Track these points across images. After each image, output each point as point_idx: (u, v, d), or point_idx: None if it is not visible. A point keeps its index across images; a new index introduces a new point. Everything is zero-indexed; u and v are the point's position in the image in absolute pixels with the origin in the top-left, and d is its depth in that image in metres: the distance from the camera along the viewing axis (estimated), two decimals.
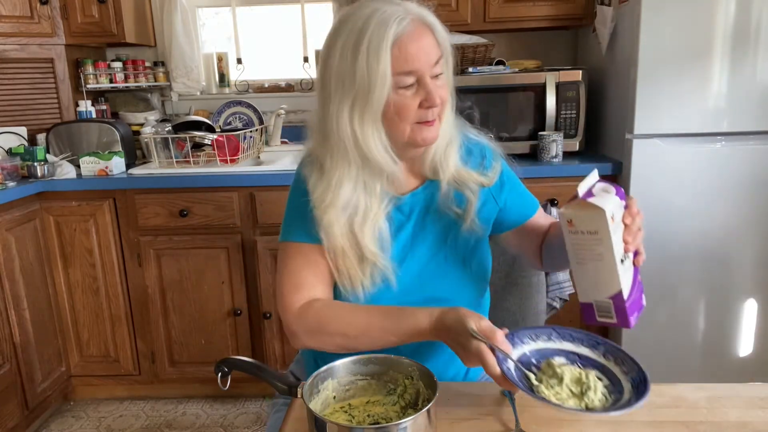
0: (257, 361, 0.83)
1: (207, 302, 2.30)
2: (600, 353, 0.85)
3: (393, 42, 0.88)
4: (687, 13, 1.87)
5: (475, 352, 0.78)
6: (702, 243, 2.03)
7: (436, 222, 1.05)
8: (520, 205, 1.12)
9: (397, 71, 0.90)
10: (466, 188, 1.04)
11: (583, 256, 0.83)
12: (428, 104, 0.92)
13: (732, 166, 1.98)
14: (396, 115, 0.93)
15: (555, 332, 0.89)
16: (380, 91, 0.90)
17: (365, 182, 0.97)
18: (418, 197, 1.04)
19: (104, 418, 2.35)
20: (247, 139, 2.41)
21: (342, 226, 0.96)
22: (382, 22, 0.89)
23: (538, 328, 0.90)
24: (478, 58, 2.35)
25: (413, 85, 0.92)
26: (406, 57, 0.89)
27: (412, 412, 0.76)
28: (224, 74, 2.84)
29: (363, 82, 0.90)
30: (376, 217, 0.98)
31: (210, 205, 2.19)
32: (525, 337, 0.87)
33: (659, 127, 1.97)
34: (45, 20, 2.39)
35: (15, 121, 2.43)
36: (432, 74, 0.92)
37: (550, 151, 2.15)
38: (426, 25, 0.92)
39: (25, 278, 2.13)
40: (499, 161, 1.09)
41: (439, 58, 0.93)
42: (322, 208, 0.96)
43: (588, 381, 0.78)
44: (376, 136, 0.94)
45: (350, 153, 0.94)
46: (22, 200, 2.12)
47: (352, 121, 0.93)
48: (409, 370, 0.81)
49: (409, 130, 0.94)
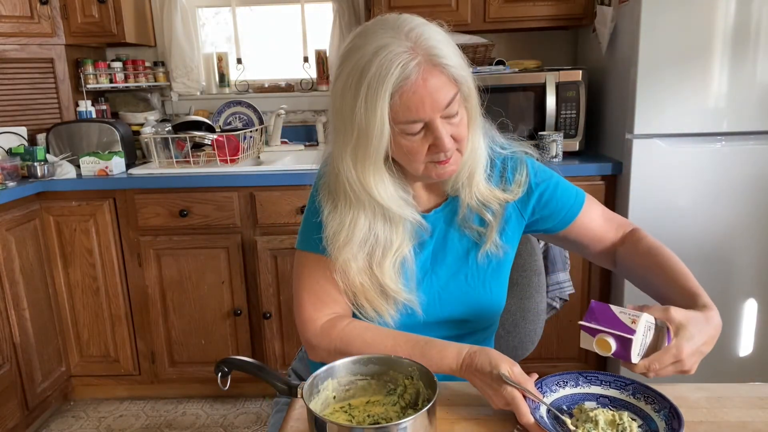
0: (257, 361, 0.83)
1: (207, 302, 2.30)
2: (629, 393, 0.85)
3: (394, 91, 0.82)
4: (687, 13, 1.87)
5: (510, 399, 0.77)
6: (702, 243, 2.03)
7: (457, 240, 1.01)
8: (556, 210, 1.03)
9: (400, 120, 0.85)
10: (488, 209, 0.99)
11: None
12: (438, 150, 0.88)
13: (732, 166, 1.97)
14: (405, 156, 0.89)
15: (582, 377, 0.88)
16: (378, 141, 0.85)
17: (385, 216, 0.93)
18: (439, 214, 1.01)
19: (104, 418, 2.35)
20: (247, 139, 2.41)
21: (360, 262, 0.93)
22: (383, 66, 0.81)
23: (564, 374, 0.89)
24: (478, 58, 2.35)
25: (421, 131, 0.87)
26: (408, 106, 0.83)
27: (412, 412, 0.76)
28: (224, 74, 2.84)
29: (361, 128, 0.85)
30: (399, 251, 0.94)
31: (210, 205, 2.19)
32: (552, 384, 0.87)
33: (659, 127, 1.97)
34: (45, 20, 2.39)
35: (15, 121, 2.43)
36: (444, 115, 0.86)
37: (550, 151, 2.15)
38: (436, 66, 0.83)
39: (25, 278, 2.13)
40: (524, 171, 1.02)
41: (452, 98, 0.85)
42: (337, 248, 0.92)
43: (623, 422, 0.78)
44: (379, 181, 0.90)
45: (360, 195, 0.91)
46: (22, 200, 2.12)
47: (356, 165, 0.89)
48: (409, 370, 0.80)
49: (422, 168, 0.91)
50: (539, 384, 0.84)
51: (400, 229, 0.94)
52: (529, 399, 0.78)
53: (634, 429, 0.77)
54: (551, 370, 2.49)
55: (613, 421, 0.78)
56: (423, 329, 0.98)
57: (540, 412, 0.78)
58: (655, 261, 0.97)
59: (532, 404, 0.78)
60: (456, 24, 2.34)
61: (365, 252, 0.93)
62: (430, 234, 1.00)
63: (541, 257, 1.30)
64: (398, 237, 0.94)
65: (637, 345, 0.77)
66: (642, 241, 1.01)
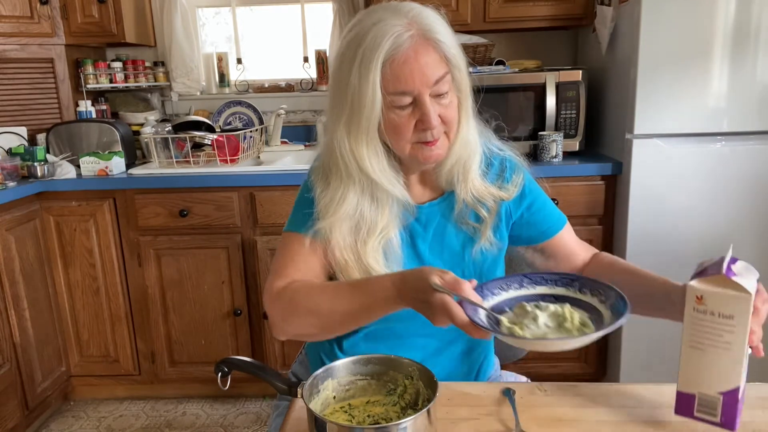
0: (257, 361, 0.83)
1: (207, 302, 2.30)
2: (576, 289, 0.82)
3: (385, 60, 0.85)
4: (687, 13, 1.87)
5: (440, 306, 0.74)
6: (702, 243, 2.03)
7: (453, 236, 1.02)
8: (539, 221, 1.06)
9: (390, 91, 0.86)
10: (483, 205, 1.00)
11: (703, 340, 0.73)
12: (424, 126, 0.89)
13: (732, 166, 1.98)
14: (393, 133, 0.90)
15: (527, 278, 0.85)
16: (369, 111, 0.87)
17: (373, 195, 0.95)
18: (436, 208, 1.02)
19: (104, 418, 2.35)
20: (247, 139, 2.41)
21: (346, 238, 0.94)
22: (378, 36, 0.85)
23: (508, 278, 0.86)
24: (478, 58, 2.35)
25: (410, 106, 0.88)
26: (398, 76, 0.85)
27: (412, 412, 0.76)
28: (224, 74, 2.84)
29: (354, 98, 0.87)
30: (384, 232, 0.95)
31: (210, 205, 2.19)
32: (495, 288, 0.84)
33: (659, 127, 1.97)
34: (45, 20, 2.39)
35: (15, 121, 2.43)
36: (433, 93, 0.88)
37: (550, 151, 2.15)
38: (429, 40, 0.86)
39: (25, 278, 2.13)
40: (521, 174, 1.04)
41: (443, 76, 0.88)
42: (326, 222, 0.94)
43: (563, 312, 0.76)
44: (372, 154, 0.91)
45: (351, 169, 0.92)
46: (22, 200, 2.12)
47: (349, 137, 0.91)
48: (409, 370, 0.81)
49: (409, 148, 0.92)
50: (479, 288, 0.82)
51: (386, 210, 0.95)
52: (466, 303, 0.74)
53: (576, 319, 0.76)
54: (551, 370, 2.50)
55: (554, 313, 0.77)
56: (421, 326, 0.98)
57: (479, 316, 0.75)
58: (621, 267, 1.02)
59: (471, 310, 0.74)
60: (456, 24, 2.31)
61: (351, 229, 0.95)
62: (424, 227, 1.01)
63: None
64: (383, 218, 0.95)
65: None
66: (607, 257, 1.07)
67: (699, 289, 0.71)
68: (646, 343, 2.07)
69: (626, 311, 0.72)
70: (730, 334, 0.70)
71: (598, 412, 0.83)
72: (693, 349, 0.74)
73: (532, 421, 0.81)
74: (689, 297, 0.72)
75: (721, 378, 0.73)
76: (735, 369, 0.72)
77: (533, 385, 0.91)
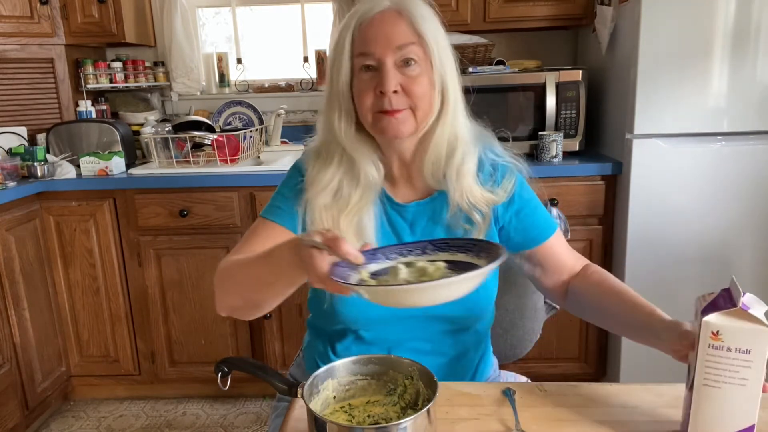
0: (257, 361, 0.83)
1: (207, 302, 2.30)
2: (474, 254, 0.76)
3: (357, 23, 0.91)
4: (687, 13, 1.87)
5: (307, 259, 0.70)
6: (702, 243, 2.03)
7: (446, 236, 1.00)
8: (528, 228, 1.03)
9: (356, 53, 0.91)
10: (476, 209, 0.98)
11: (718, 378, 0.69)
12: (380, 89, 0.89)
13: (732, 166, 1.98)
14: (357, 98, 0.93)
15: (431, 245, 0.80)
16: (338, 72, 0.92)
17: (349, 170, 0.97)
18: (425, 207, 1.01)
19: (104, 418, 2.35)
20: (247, 139, 2.41)
21: (324, 214, 0.96)
22: (359, 7, 0.92)
23: (413, 243, 0.82)
24: (478, 58, 2.35)
25: (374, 70, 0.91)
26: (364, 38, 0.90)
27: (412, 413, 0.76)
28: (224, 74, 2.84)
29: (332, 62, 0.94)
30: (356, 210, 0.96)
31: (210, 205, 2.19)
32: (392, 253, 0.79)
33: (659, 127, 1.97)
34: (45, 20, 2.39)
35: (15, 121, 2.43)
36: (398, 59, 0.90)
37: (550, 151, 2.15)
38: (402, 13, 0.91)
39: (25, 278, 2.13)
40: (512, 179, 1.02)
41: (408, 43, 0.90)
42: (312, 191, 0.96)
43: (426, 268, 0.73)
44: (344, 120, 0.95)
45: (328, 136, 0.97)
46: (22, 200, 2.12)
47: (327, 103, 0.96)
48: (409, 370, 0.80)
49: (371, 117, 0.93)
50: (373, 252, 0.77)
51: (360, 189, 0.97)
52: (342, 263, 0.71)
53: (437, 274, 0.72)
54: (551, 370, 2.50)
55: (420, 269, 0.74)
56: (411, 329, 0.98)
57: (355, 275, 0.72)
58: (608, 287, 0.97)
59: (347, 267, 0.71)
60: (456, 24, 2.34)
61: (330, 203, 0.96)
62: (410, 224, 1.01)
63: None
64: (356, 195, 0.96)
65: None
66: (596, 273, 1.02)
67: (716, 325, 0.68)
68: None
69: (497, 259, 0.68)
70: (747, 369, 0.68)
71: (598, 412, 0.83)
72: (707, 387, 0.70)
73: (532, 421, 0.81)
74: (704, 334, 0.69)
75: (735, 416, 0.70)
76: (751, 406, 0.69)
77: (533, 385, 0.91)
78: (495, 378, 1.17)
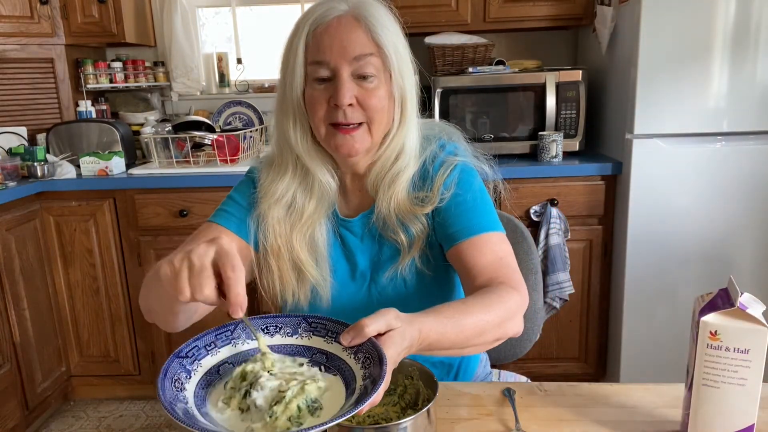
0: None
1: None
2: (351, 353, 0.65)
3: (311, 29, 0.85)
4: (687, 13, 1.87)
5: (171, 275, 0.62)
6: (702, 243, 2.03)
7: (386, 247, 0.96)
8: (448, 224, 0.91)
9: (310, 60, 0.86)
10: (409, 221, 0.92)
11: (717, 378, 0.70)
12: (334, 101, 0.84)
13: (732, 166, 1.98)
14: (310, 109, 0.88)
15: (305, 322, 0.71)
16: (291, 79, 0.87)
17: (303, 180, 0.94)
18: (369, 218, 0.96)
19: (104, 418, 2.35)
20: (247, 139, 2.41)
21: (280, 223, 0.93)
22: (313, 9, 0.86)
23: (285, 317, 0.71)
24: (478, 58, 2.35)
25: (328, 80, 0.86)
26: (318, 45, 0.84)
27: (412, 412, 0.76)
28: (224, 74, 2.84)
29: (284, 69, 0.89)
30: (309, 223, 0.93)
31: (210, 205, 2.19)
32: (260, 327, 0.69)
33: (659, 127, 1.97)
34: (45, 20, 2.39)
35: (15, 121, 2.43)
36: (355, 71, 0.85)
37: (550, 151, 2.15)
38: (359, 19, 0.85)
39: (25, 278, 2.13)
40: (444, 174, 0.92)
41: (366, 54, 0.84)
42: (266, 204, 0.93)
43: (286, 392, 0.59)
44: (299, 129, 0.90)
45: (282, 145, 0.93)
46: (22, 200, 2.12)
47: (279, 110, 0.92)
48: (409, 370, 0.80)
49: (324, 131, 0.88)
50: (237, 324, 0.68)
51: (314, 201, 0.94)
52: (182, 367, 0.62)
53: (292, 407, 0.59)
54: (551, 371, 2.49)
55: (276, 390, 0.60)
56: None
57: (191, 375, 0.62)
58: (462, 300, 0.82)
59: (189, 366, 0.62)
60: (456, 24, 2.34)
61: (284, 215, 0.94)
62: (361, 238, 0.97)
63: (538, 256, 1.30)
64: (311, 206, 0.94)
65: None
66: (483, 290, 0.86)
67: (714, 325, 0.68)
68: (646, 343, 2.07)
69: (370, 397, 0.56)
70: (746, 369, 0.68)
71: (598, 412, 0.83)
72: (706, 388, 0.71)
73: (532, 421, 0.81)
74: (702, 334, 0.69)
75: (735, 416, 0.70)
76: (750, 405, 0.69)
77: (533, 385, 0.91)
78: (487, 375, 1.17)
